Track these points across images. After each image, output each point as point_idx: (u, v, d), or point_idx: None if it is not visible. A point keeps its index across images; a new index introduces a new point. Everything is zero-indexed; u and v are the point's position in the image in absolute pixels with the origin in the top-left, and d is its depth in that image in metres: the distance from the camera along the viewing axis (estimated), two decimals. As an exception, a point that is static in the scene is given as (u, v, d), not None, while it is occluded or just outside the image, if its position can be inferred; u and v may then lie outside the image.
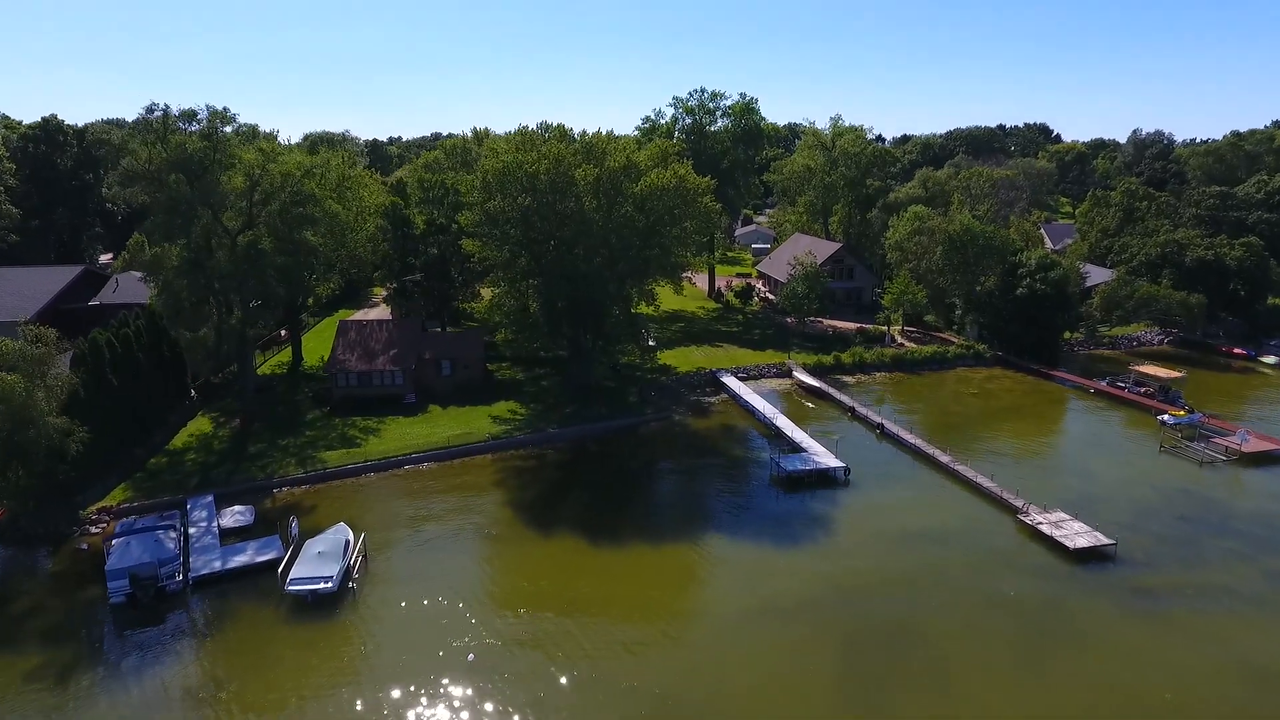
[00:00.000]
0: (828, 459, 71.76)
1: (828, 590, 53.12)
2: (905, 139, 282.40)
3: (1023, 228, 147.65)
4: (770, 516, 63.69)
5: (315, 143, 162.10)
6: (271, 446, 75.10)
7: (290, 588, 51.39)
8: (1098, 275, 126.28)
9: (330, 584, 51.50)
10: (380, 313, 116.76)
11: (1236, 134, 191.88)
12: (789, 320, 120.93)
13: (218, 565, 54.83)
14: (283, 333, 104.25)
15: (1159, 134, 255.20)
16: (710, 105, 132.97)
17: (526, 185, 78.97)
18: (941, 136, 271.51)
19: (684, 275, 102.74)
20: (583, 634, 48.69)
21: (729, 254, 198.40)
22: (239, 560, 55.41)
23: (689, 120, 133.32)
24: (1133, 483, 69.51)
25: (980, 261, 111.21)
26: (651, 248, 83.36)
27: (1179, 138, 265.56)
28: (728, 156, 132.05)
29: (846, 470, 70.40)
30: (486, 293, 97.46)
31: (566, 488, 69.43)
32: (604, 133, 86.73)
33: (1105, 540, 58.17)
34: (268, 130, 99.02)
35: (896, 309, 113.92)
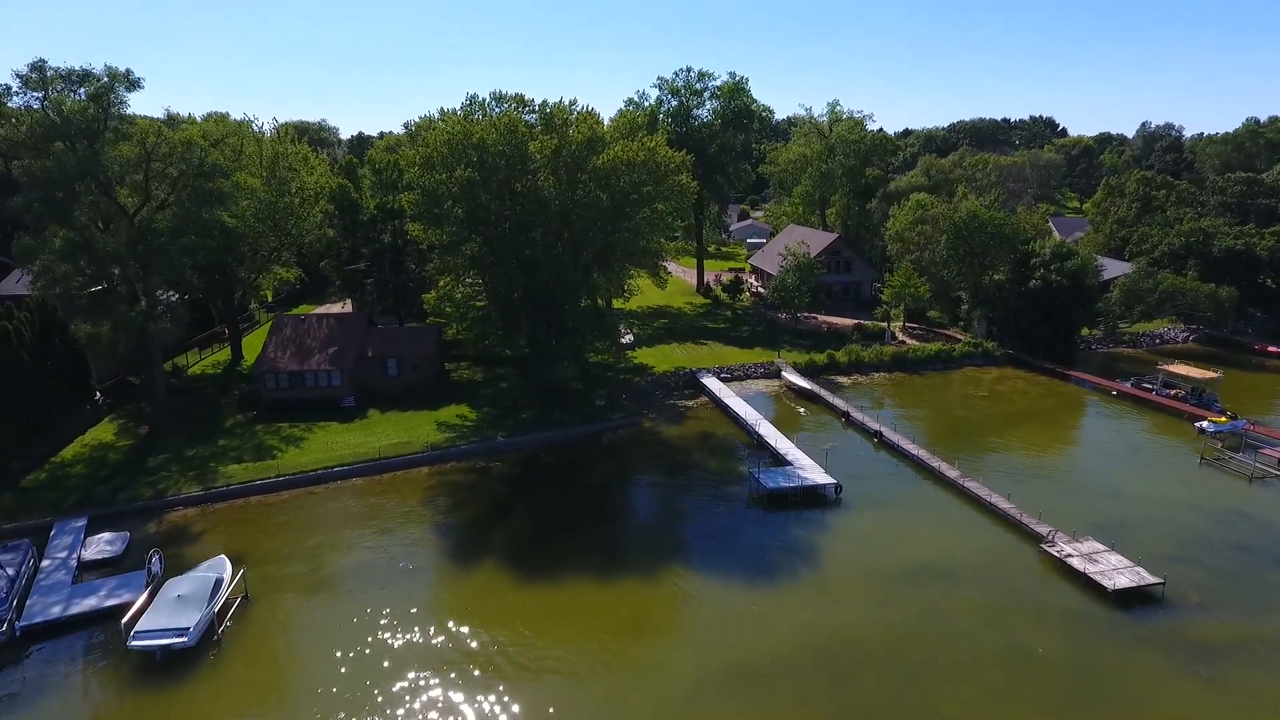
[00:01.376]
0: (816, 474, 60.50)
1: (809, 647, 41.80)
2: (906, 133, 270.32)
3: (1030, 220, 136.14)
4: (745, 545, 52.39)
5: (290, 131, 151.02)
6: (175, 458, 64.06)
7: (134, 642, 40.33)
8: (1114, 268, 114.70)
9: (187, 637, 40.44)
10: (346, 310, 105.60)
11: (1255, 122, 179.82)
12: (781, 315, 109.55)
13: (58, 610, 43.75)
14: (228, 330, 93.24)
15: (1169, 127, 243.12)
16: (698, 86, 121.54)
17: (473, 157, 67.74)
18: (944, 129, 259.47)
19: (662, 265, 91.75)
20: (503, 702, 37.56)
21: (723, 249, 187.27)
22: (87, 604, 44.35)
23: (675, 102, 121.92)
24: (1173, 503, 58.07)
25: (989, 252, 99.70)
26: (618, 231, 72.06)
27: (1189, 131, 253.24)
28: (716, 140, 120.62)
29: (838, 487, 59.12)
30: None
31: (508, 508, 58.24)
32: (566, 102, 75.36)
33: (1150, 579, 46.78)
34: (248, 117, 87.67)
35: (897, 304, 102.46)
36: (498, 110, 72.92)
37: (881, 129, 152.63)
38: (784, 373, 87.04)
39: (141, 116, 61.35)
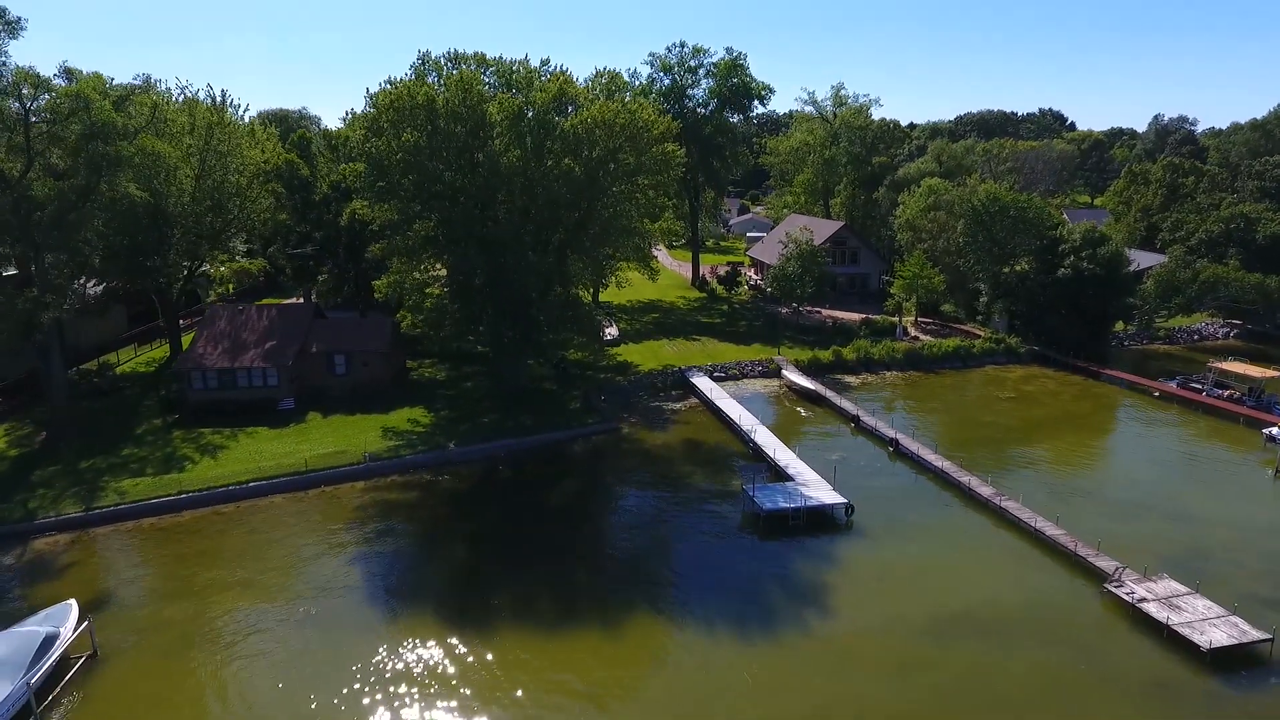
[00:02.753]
0: (823, 491, 49.66)
1: (817, 733, 31.06)
2: (911, 127, 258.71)
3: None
4: (737, 584, 41.55)
5: (267, 120, 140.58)
6: (68, 470, 53.44)
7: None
8: (1142, 260, 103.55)
9: (-11, 719, 29.77)
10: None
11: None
12: (781, 310, 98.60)
13: None
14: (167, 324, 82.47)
15: (1182, 119, 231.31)
16: (692, 63, 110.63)
17: (422, 120, 56.98)
18: (950, 122, 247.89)
19: (650, 253, 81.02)
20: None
21: (722, 243, 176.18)
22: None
23: (668, 81, 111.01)
24: (1255, 528, 47.15)
25: (1011, 239, 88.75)
26: (593, 207, 61.29)
27: (1203, 124, 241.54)
28: (712, 121, 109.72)
29: (849, 508, 48.27)
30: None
31: (448, 535, 47.49)
32: (537, 64, 64.50)
33: (1254, 633, 35.91)
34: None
35: (909, 296, 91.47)
36: (454, 71, 62.07)
37: (884, 119, 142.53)
38: (784, 371, 76.24)
39: (23, 68, 50.85)
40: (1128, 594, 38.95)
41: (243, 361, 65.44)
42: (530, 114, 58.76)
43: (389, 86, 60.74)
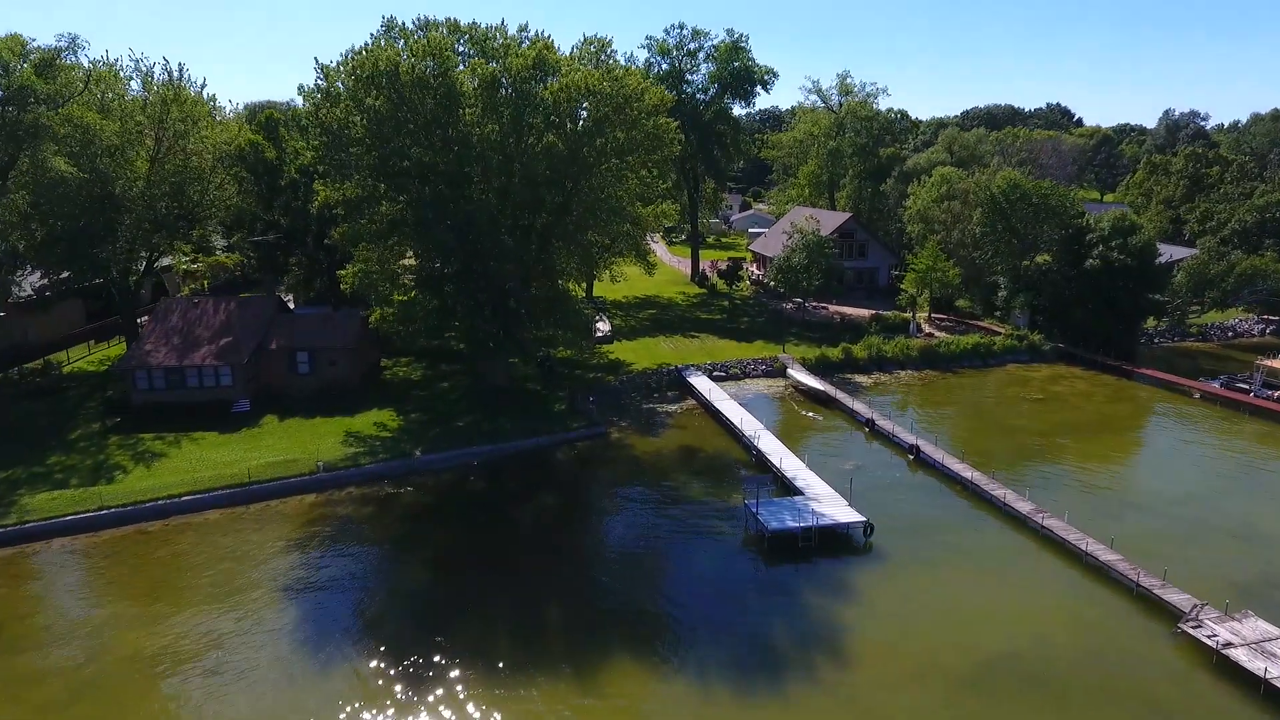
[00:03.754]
0: (837, 507, 42.63)
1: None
2: (916, 122, 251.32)
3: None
4: (734, 621, 34.56)
5: (254, 111, 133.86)
6: (-21, 482, 46.61)
7: None
8: (1169, 253, 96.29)
9: None
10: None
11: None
12: (785, 305, 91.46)
13: None
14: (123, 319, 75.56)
15: (1193, 114, 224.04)
16: (691, 46, 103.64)
17: (384, 87, 50.01)
18: (957, 117, 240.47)
19: (644, 243, 74.09)
20: None
21: (723, 239, 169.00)
22: None
23: (665, 65, 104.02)
24: (1341, 551, 40.05)
25: (1033, 228, 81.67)
26: (579, 188, 54.31)
27: (1214, 120, 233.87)
28: (713, 107, 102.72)
29: (868, 527, 41.22)
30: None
31: (404, 559, 40.54)
32: (515, 30, 57.41)
33: (1374, 691, 28.83)
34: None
35: (922, 290, 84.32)
36: (423, 37, 55.02)
37: (892, 109, 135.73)
38: (790, 371, 69.22)
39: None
40: (1209, 637, 31.86)
41: (193, 360, 58.56)
42: (506, 82, 51.67)
43: (349, 56, 53.74)
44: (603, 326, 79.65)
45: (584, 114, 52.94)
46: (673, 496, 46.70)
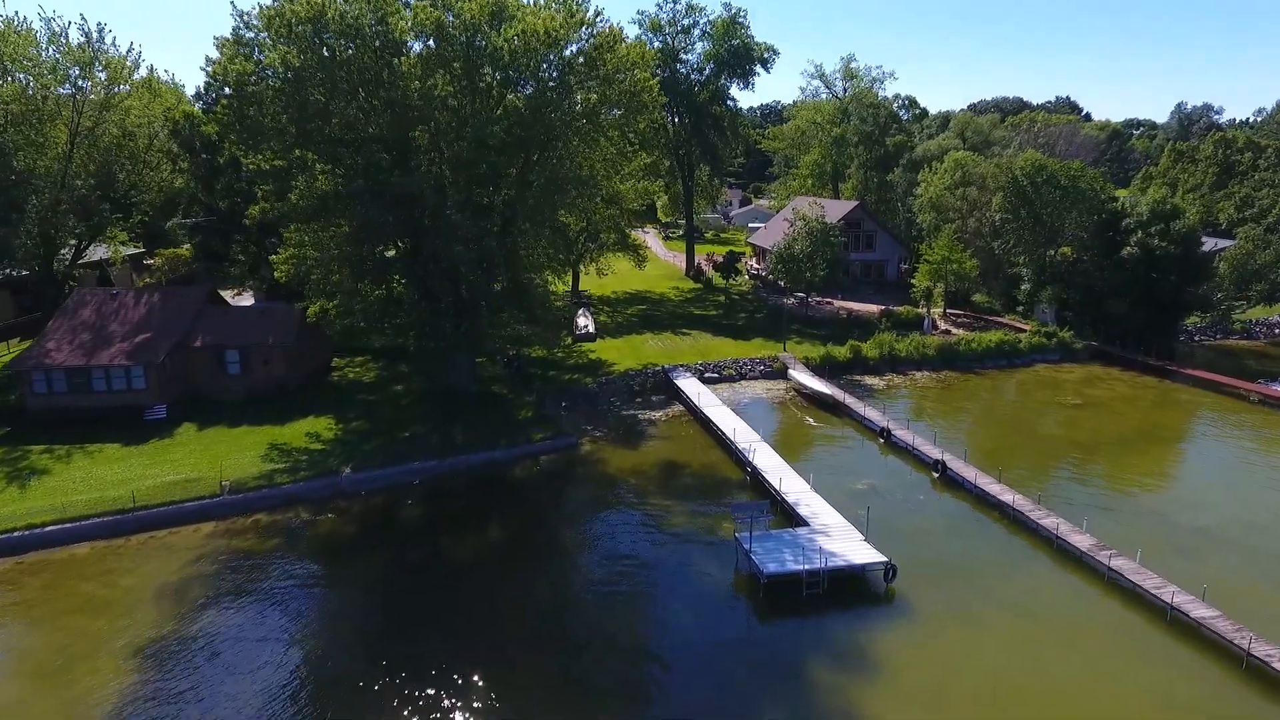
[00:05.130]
0: (850, 541, 33.74)
1: None
2: (922, 115, 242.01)
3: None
4: (716, 697, 25.70)
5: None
6: None
7: None
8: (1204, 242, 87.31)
9: None
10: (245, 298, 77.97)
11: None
12: (787, 300, 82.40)
13: None
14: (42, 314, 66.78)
15: (1207, 107, 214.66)
16: (685, 22, 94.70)
17: (306, 35, 41.19)
18: (964, 110, 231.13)
19: (629, 229, 65.48)
20: None
21: (722, 234, 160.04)
22: None
23: (658, 43, 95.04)
24: None
25: (1060, 215, 72.59)
26: (545, 157, 45.49)
27: (1228, 114, 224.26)
28: (709, 87, 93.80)
29: (890, 569, 32.28)
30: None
31: (305, 608, 31.61)
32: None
33: None
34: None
35: (938, 281, 75.29)
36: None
37: (899, 95, 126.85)
38: (791, 371, 60.34)
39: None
40: (1364, 736, 22.96)
41: (101, 359, 49.82)
42: (456, 31, 42.72)
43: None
44: (584, 322, 70.84)
45: (550, 70, 43.97)
46: (649, 525, 37.82)
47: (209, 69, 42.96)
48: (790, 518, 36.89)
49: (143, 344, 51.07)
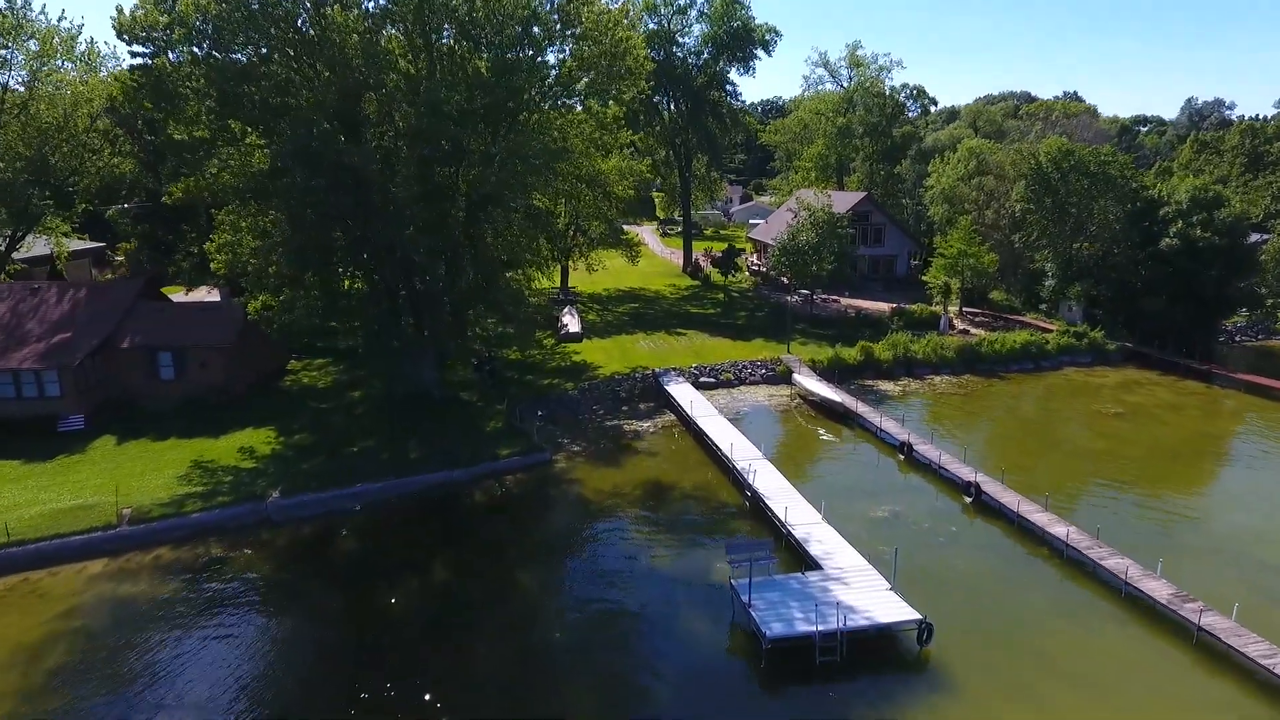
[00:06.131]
0: (873, 591, 26.93)
1: None
2: (925, 112, 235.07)
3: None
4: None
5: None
6: None
7: None
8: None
9: None
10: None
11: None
12: (790, 298, 75.53)
13: None
14: None
15: (1218, 103, 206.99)
16: (681, 2, 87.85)
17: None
18: (978, 100, 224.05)
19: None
20: None
21: (722, 231, 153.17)
22: None
23: (653, 24, 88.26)
24: None
25: (1090, 204, 65.77)
26: (514, 125, 38.74)
27: (1239, 111, 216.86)
28: (706, 71, 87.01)
29: (924, 629, 25.43)
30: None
31: (198, 673, 24.76)
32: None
33: None
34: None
35: (954, 275, 68.39)
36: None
37: (907, 84, 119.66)
38: (796, 376, 53.51)
39: None
40: None
41: (10, 362, 43.16)
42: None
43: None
44: (570, 321, 64.11)
45: (514, 25, 37.17)
46: (627, 565, 31.04)
47: (115, 21, 36.12)
48: (799, 558, 30.11)
49: (60, 345, 44.36)
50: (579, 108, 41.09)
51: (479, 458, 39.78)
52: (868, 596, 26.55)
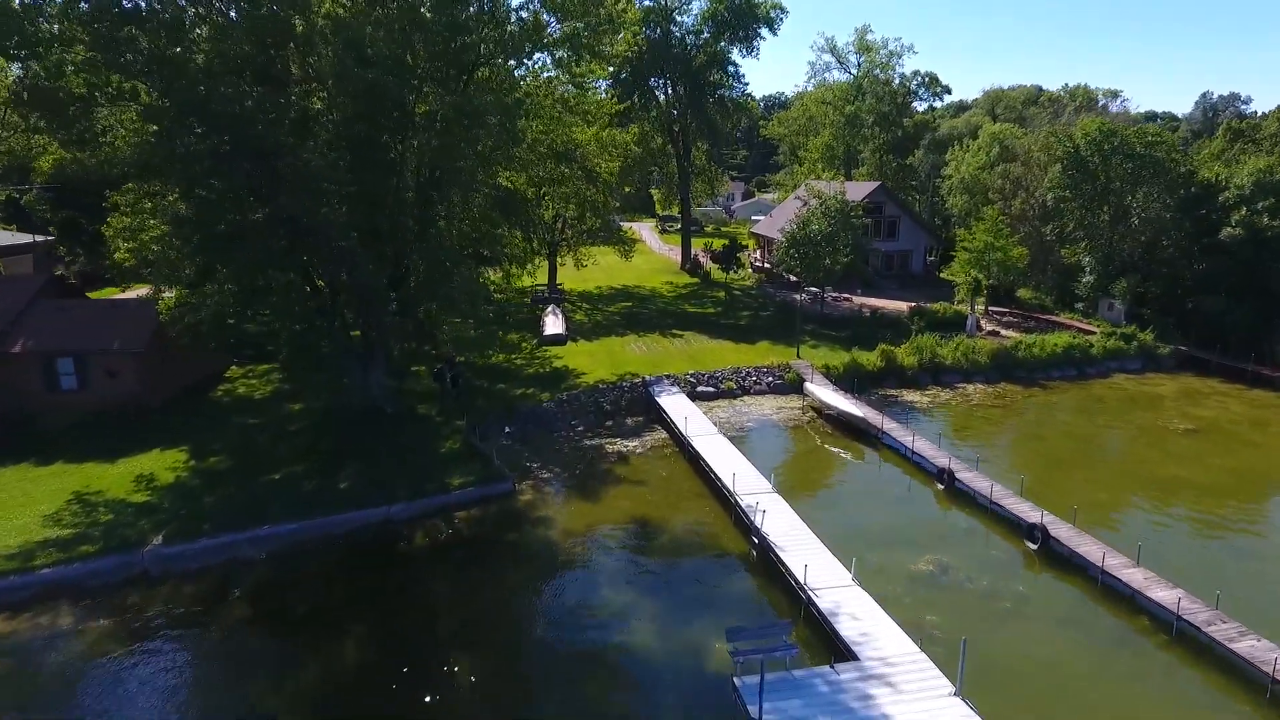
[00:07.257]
0: (930, 699, 19.07)
1: None
2: (931, 110, 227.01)
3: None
4: None
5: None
6: None
7: None
8: None
9: None
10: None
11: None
12: (799, 296, 67.63)
13: None
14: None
15: (1234, 97, 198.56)
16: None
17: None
18: (980, 98, 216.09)
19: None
20: None
21: (724, 228, 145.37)
22: None
23: (650, 2, 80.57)
24: None
25: (1132, 190, 58.01)
26: (471, 77, 31.13)
27: (1255, 105, 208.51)
28: (706, 50, 79.24)
29: (1005, 757, 17.71)
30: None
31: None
32: None
33: None
34: None
35: (982, 268, 60.49)
36: None
37: (919, 71, 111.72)
38: (808, 384, 45.71)
39: None
40: None
41: None
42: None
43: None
44: (552, 322, 56.40)
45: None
46: (598, 649, 23.27)
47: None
48: (823, 636, 22.36)
49: (-67, 350, 36.83)
50: (554, 69, 33.40)
51: (424, 489, 32.04)
52: (923, 707, 18.80)
